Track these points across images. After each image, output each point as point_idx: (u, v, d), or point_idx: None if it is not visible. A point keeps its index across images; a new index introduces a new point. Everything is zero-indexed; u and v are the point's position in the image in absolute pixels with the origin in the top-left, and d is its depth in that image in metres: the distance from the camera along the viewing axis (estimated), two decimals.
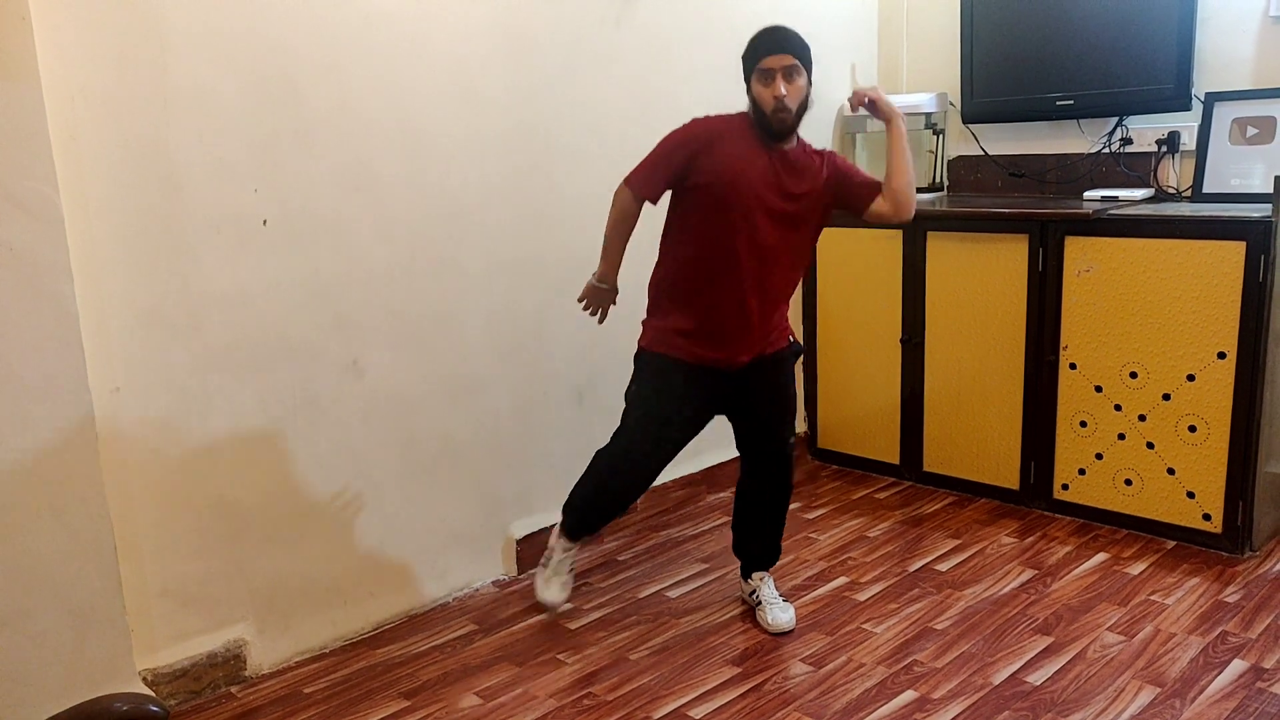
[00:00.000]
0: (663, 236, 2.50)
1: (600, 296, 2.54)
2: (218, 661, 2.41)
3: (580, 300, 2.56)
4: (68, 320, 2.04)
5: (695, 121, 2.41)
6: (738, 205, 2.35)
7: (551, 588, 2.73)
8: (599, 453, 2.60)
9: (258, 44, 2.31)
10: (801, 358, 2.68)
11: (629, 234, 2.47)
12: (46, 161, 1.98)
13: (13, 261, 1.97)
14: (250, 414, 2.41)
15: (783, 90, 2.30)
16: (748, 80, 2.37)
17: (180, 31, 2.19)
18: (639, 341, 2.55)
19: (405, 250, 2.64)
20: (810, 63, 2.36)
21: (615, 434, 2.56)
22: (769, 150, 2.38)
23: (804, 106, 2.36)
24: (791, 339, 2.59)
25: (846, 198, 2.47)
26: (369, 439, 2.64)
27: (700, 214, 2.39)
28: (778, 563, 2.78)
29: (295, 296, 2.45)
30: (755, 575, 2.71)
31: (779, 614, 2.61)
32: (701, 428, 2.56)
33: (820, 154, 2.45)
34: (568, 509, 2.68)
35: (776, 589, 2.70)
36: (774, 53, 2.31)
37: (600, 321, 2.58)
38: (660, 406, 2.48)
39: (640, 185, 2.41)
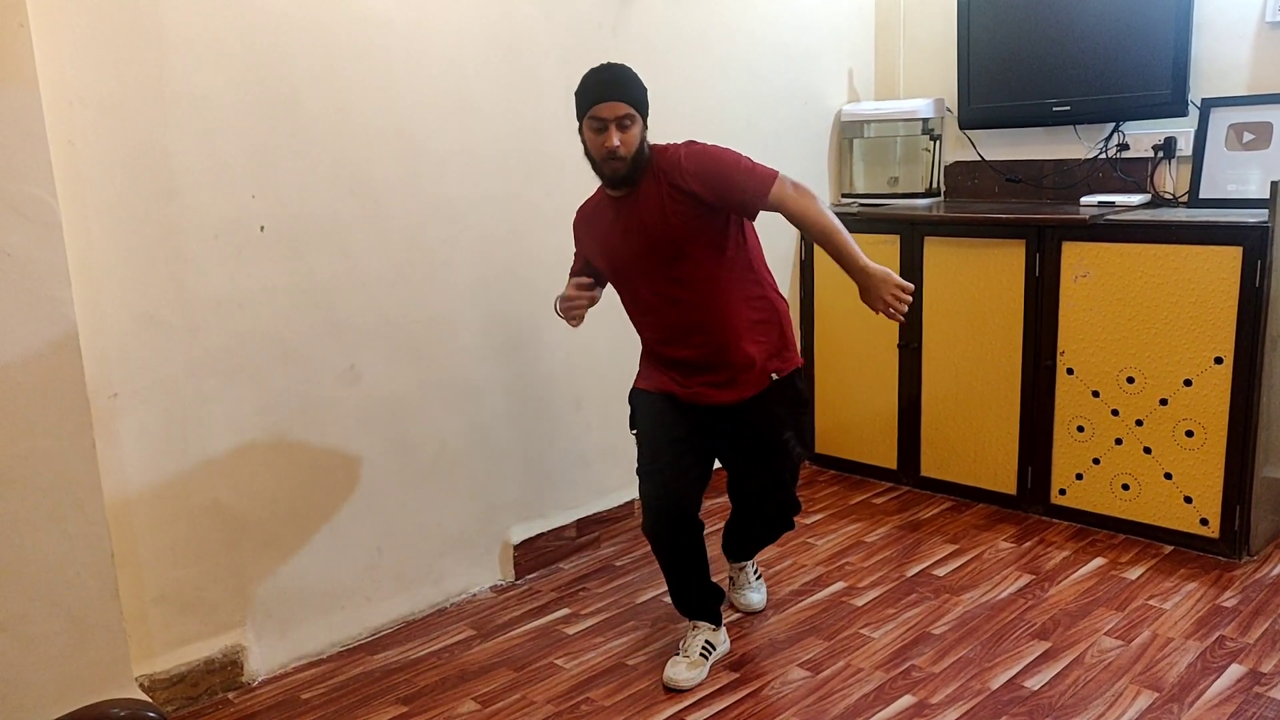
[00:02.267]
0: None
1: (578, 293, 2.39)
2: (215, 667, 2.41)
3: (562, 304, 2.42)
4: (65, 325, 2.04)
5: (576, 214, 2.47)
6: (621, 273, 2.36)
7: (676, 667, 2.42)
8: None
9: (255, 51, 2.31)
10: (796, 394, 2.44)
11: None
12: (45, 167, 1.98)
13: (10, 267, 1.96)
14: (247, 419, 2.41)
15: (615, 142, 2.17)
16: (579, 124, 2.24)
17: (178, 38, 2.20)
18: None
19: (401, 256, 2.64)
20: (646, 107, 2.24)
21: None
22: (618, 201, 2.30)
23: (640, 154, 2.22)
24: (774, 375, 2.37)
25: (729, 202, 2.24)
26: (366, 444, 2.64)
27: (612, 284, 2.44)
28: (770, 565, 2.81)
29: (292, 302, 2.45)
30: (734, 561, 2.76)
31: (749, 595, 2.72)
32: (708, 451, 2.44)
33: (664, 169, 2.24)
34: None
35: (752, 568, 2.77)
36: (606, 100, 2.18)
37: (578, 324, 2.45)
38: (651, 425, 2.41)
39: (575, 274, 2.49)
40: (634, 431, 2.46)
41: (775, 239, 3.66)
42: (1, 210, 1.94)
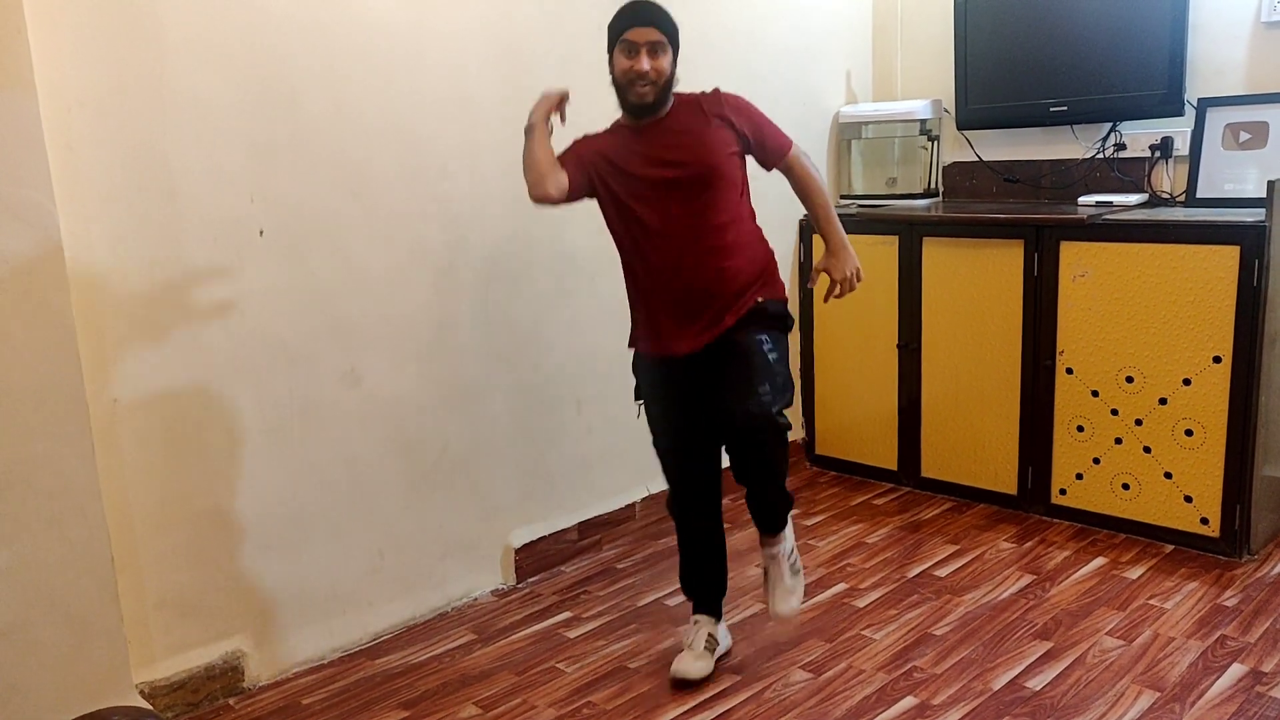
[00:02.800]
0: None
1: (539, 105, 2.34)
2: (215, 673, 2.40)
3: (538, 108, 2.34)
4: (64, 330, 2.04)
5: (579, 139, 2.38)
6: (633, 199, 2.30)
7: (683, 660, 2.43)
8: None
9: (254, 53, 2.31)
10: (788, 326, 2.44)
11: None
12: (43, 171, 1.98)
13: (9, 271, 1.96)
14: (247, 423, 2.40)
15: (645, 65, 2.20)
16: (610, 51, 2.28)
17: (177, 41, 2.19)
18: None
19: (402, 258, 2.64)
20: (677, 42, 2.28)
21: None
22: (641, 130, 2.30)
23: (669, 84, 2.27)
24: (760, 300, 2.36)
25: (755, 153, 2.39)
26: (366, 447, 2.63)
27: (609, 219, 2.38)
28: (783, 533, 2.41)
29: (292, 305, 2.45)
30: (763, 546, 2.44)
31: (778, 602, 2.41)
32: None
33: (703, 103, 2.32)
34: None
35: (788, 565, 2.43)
36: (639, 25, 2.23)
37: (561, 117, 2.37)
38: (658, 404, 2.44)
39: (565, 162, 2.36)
40: (639, 402, 2.48)
41: (773, 240, 3.65)
42: (0, 214, 1.94)
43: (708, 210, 2.30)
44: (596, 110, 3.03)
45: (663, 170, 2.28)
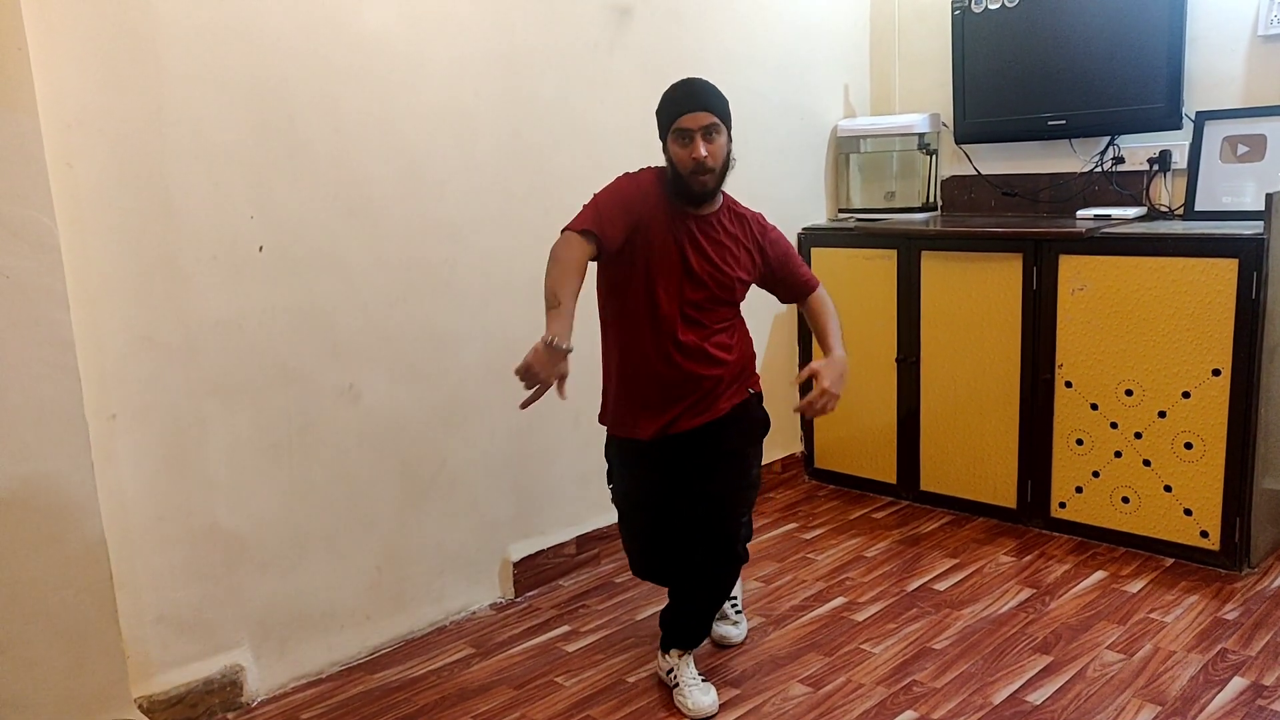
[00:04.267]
0: (600, 311, 2.38)
1: (553, 361, 2.06)
2: (214, 688, 2.40)
3: (521, 373, 2.06)
4: (64, 347, 2.04)
5: (627, 180, 2.25)
6: (659, 276, 2.23)
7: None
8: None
9: (253, 71, 2.33)
10: (763, 415, 2.45)
11: (578, 277, 2.14)
12: (43, 189, 1.99)
13: (9, 289, 1.97)
14: (246, 440, 2.41)
15: (703, 152, 2.14)
16: (663, 139, 2.22)
17: (176, 59, 2.21)
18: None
19: (401, 275, 2.65)
20: (730, 119, 2.21)
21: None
22: (687, 214, 2.24)
23: (726, 167, 2.22)
24: (751, 390, 2.40)
25: (775, 286, 2.42)
26: (365, 463, 2.64)
27: (623, 277, 2.26)
28: (703, 642, 2.53)
29: (291, 322, 2.46)
30: (673, 652, 2.42)
31: (700, 696, 2.33)
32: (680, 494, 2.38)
33: (748, 221, 2.33)
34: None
35: (697, 669, 2.42)
36: (692, 110, 2.15)
37: (561, 394, 2.13)
38: (630, 491, 2.44)
39: (587, 223, 2.16)
40: (611, 485, 2.48)
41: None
42: (0, 232, 1.95)
43: (720, 309, 2.31)
44: (598, 129, 3.05)
45: (701, 261, 2.24)
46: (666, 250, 2.23)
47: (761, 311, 3.61)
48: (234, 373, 2.37)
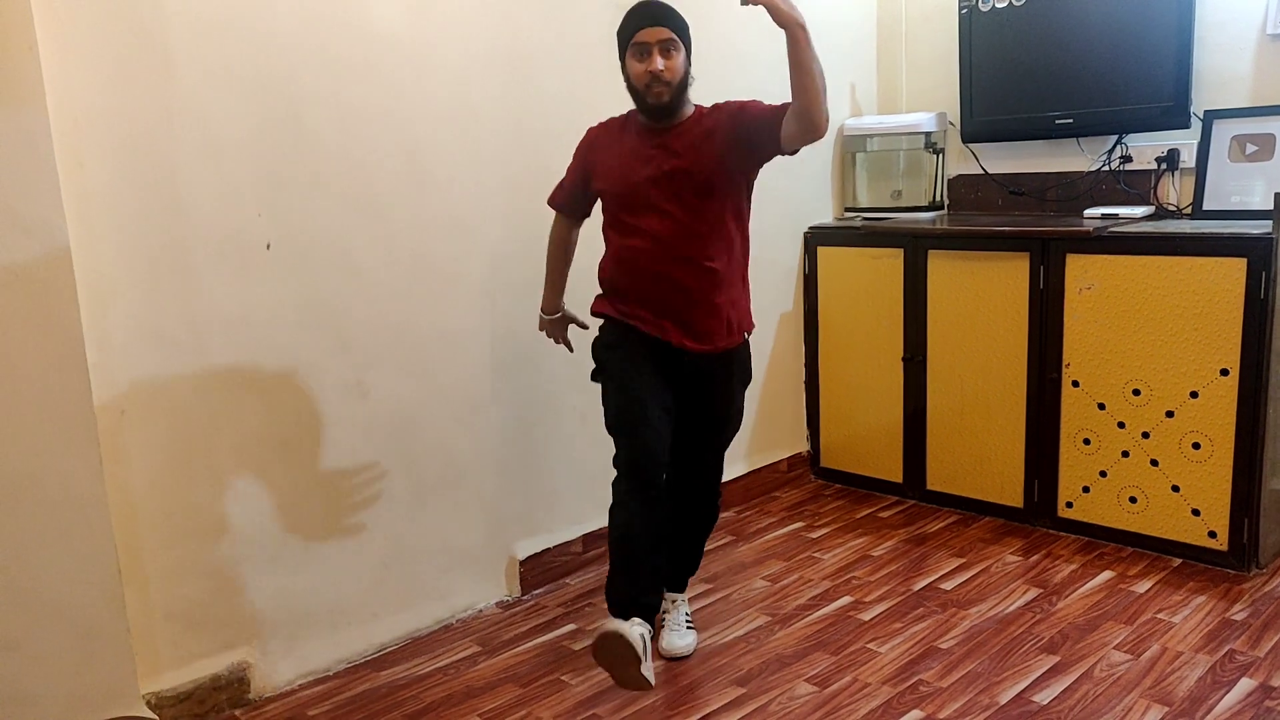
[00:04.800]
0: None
1: (551, 327, 2.61)
2: (221, 684, 2.41)
3: (542, 330, 2.61)
4: (73, 344, 2.05)
5: (587, 132, 2.47)
6: (632, 194, 2.31)
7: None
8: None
9: (261, 68, 2.33)
10: (748, 361, 2.51)
11: (563, 257, 2.55)
12: (53, 187, 2.00)
13: (19, 285, 1.98)
14: (254, 435, 2.42)
15: (659, 64, 2.21)
16: (622, 57, 2.29)
17: (184, 57, 2.21)
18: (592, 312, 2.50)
19: (407, 271, 2.65)
20: (689, 39, 2.28)
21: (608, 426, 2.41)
22: (654, 133, 2.31)
23: (684, 84, 2.28)
24: (746, 335, 2.47)
25: (751, 134, 2.28)
26: (372, 460, 2.64)
27: (608, 212, 2.41)
28: (691, 581, 2.70)
29: (299, 318, 2.46)
30: (667, 595, 2.58)
31: (675, 639, 2.44)
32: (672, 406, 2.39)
33: (719, 110, 2.34)
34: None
35: (687, 614, 2.59)
36: (650, 25, 2.23)
37: (569, 348, 2.64)
38: (628, 368, 2.37)
39: (554, 199, 2.53)
40: (597, 379, 2.44)
41: (778, 252, 3.67)
42: (10, 230, 1.96)
43: (708, 216, 2.31)
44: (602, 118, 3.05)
45: (668, 162, 2.28)
46: (632, 169, 2.31)
47: (769, 310, 3.61)
48: (242, 368, 2.38)
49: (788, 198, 3.64)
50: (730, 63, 3.42)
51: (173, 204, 2.23)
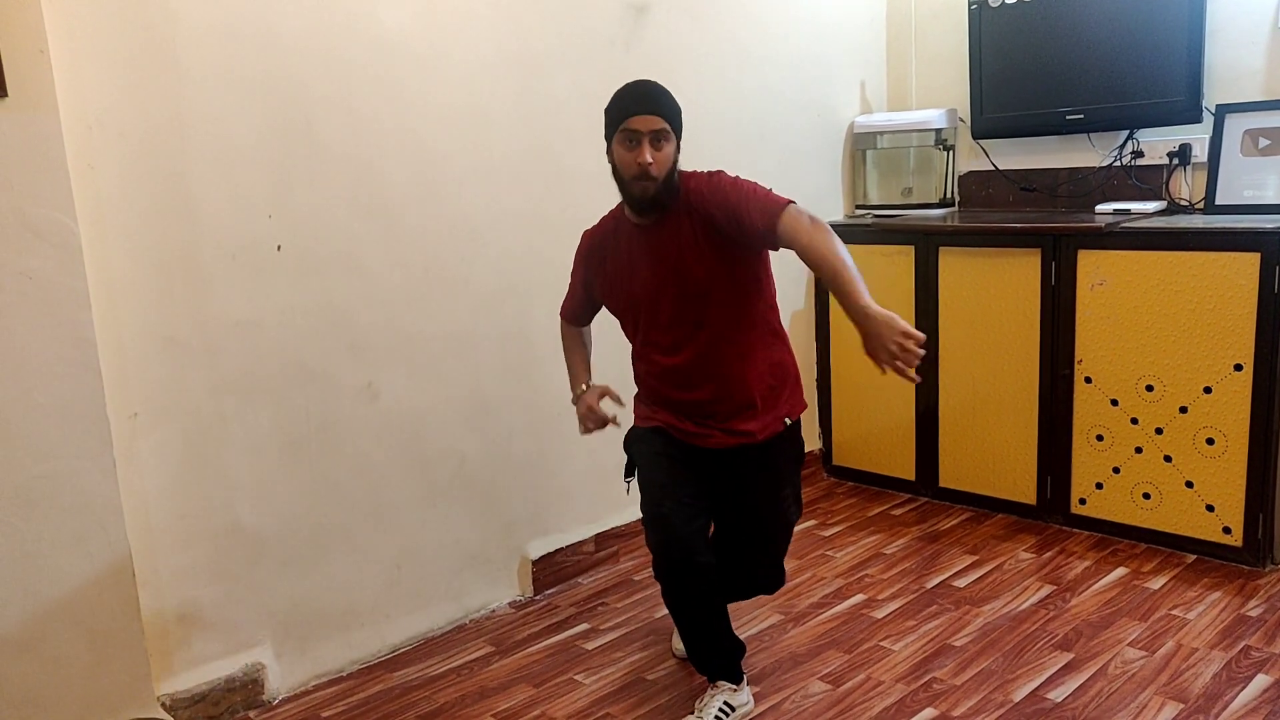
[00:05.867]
0: None
1: (584, 400, 2.35)
2: (236, 686, 2.41)
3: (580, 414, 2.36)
4: (86, 347, 2.06)
5: (582, 237, 2.34)
6: (636, 308, 2.23)
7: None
8: None
9: (272, 72, 2.34)
10: (799, 446, 2.36)
11: (581, 350, 2.48)
12: (65, 190, 2.01)
13: (32, 289, 1.99)
14: (266, 438, 2.42)
15: (648, 158, 2.04)
16: (609, 138, 2.12)
17: (196, 61, 2.22)
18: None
19: (418, 273, 2.66)
20: (680, 129, 2.11)
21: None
22: (643, 228, 2.17)
23: (671, 178, 2.09)
24: (787, 420, 2.28)
25: (748, 242, 2.11)
26: (384, 462, 2.65)
27: (618, 317, 2.34)
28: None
29: (310, 321, 2.47)
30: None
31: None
32: (710, 494, 2.28)
33: (694, 199, 2.12)
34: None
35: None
36: (642, 113, 2.05)
37: (615, 424, 2.32)
38: (653, 467, 2.24)
39: (565, 311, 2.47)
40: (628, 479, 2.32)
41: (788, 251, 3.66)
42: (23, 233, 1.97)
43: (714, 322, 2.18)
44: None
45: (662, 273, 2.15)
46: (631, 282, 2.22)
47: (781, 309, 3.60)
48: (254, 371, 2.39)
49: (798, 195, 3.58)
50: (730, 61, 3.41)
51: (184, 207, 2.24)
